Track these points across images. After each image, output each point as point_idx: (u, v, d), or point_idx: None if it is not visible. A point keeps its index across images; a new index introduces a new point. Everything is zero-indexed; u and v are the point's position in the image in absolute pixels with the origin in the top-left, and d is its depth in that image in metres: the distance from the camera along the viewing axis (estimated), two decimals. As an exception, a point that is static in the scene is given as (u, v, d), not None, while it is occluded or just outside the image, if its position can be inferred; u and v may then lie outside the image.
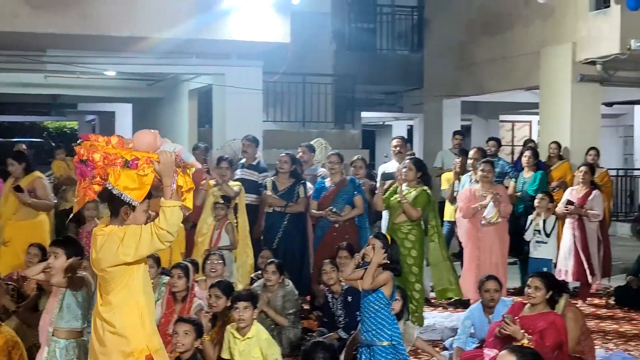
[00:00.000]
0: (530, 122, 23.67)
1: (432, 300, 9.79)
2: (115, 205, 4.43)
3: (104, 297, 4.50)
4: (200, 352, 6.25)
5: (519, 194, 11.10)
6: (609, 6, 12.66)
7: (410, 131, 21.85)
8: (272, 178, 9.58)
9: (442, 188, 11.55)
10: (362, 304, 6.13)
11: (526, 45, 14.71)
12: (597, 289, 10.75)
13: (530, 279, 6.48)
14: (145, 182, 4.40)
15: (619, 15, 12.35)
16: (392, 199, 8.68)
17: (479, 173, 9.33)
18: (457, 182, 10.62)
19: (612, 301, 10.23)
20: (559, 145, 12.53)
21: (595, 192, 10.09)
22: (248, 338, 6.35)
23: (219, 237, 9.09)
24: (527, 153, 11.29)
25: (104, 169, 4.40)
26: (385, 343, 6.05)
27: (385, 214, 9.35)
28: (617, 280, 11.20)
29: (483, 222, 8.98)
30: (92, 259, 4.47)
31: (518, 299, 7.66)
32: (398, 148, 10.49)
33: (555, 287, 6.63)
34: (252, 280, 8.58)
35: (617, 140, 23.76)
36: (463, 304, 9.61)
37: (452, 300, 9.96)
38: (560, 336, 6.18)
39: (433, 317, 9.09)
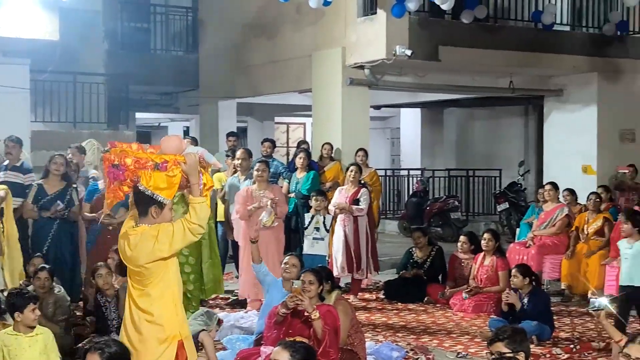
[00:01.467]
0: (304, 124, 24.28)
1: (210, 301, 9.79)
2: (145, 206, 4.79)
3: (142, 290, 4.82)
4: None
5: (292, 194, 11.37)
6: (375, 13, 13.23)
7: (186, 132, 21.72)
8: (41, 181, 9.18)
9: (214, 188, 11.52)
10: None
11: (298, 48, 15.06)
12: (368, 284, 11.23)
13: (303, 274, 6.72)
14: (174, 182, 4.82)
15: (385, 21, 12.93)
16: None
17: (254, 173, 9.47)
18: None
19: (381, 295, 10.72)
20: (331, 146, 12.95)
21: (363, 189, 10.57)
22: (35, 334, 6.07)
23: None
24: (301, 154, 11.60)
25: (135, 172, 4.79)
26: None
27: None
28: (387, 275, 11.76)
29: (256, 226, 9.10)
30: (127, 257, 4.79)
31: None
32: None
33: (327, 281, 6.93)
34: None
35: (385, 141, 24.94)
36: (240, 303, 9.71)
37: (231, 300, 10.03)
38: (336, 322, 6.46)
39: (210, 317, 9.08)
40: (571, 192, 11.86)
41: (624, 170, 14.18)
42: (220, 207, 10.72)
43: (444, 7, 12.51)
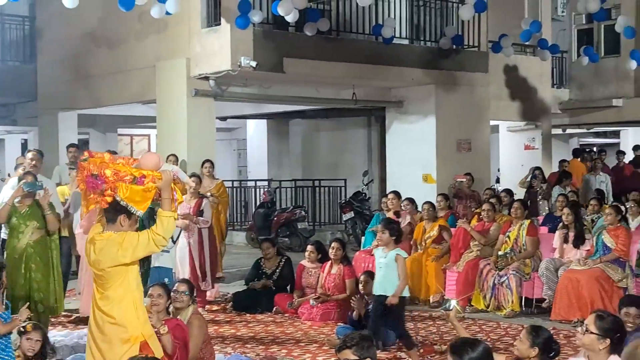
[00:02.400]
0: (149, 135, 23.90)
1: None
2: (115, 214, 5.23)
3: (102, 292, 5.28)
4: None
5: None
6: (219, 24, 13.20)
7: (25, 145, 20.92)
8: None
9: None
10: None
11: (142, 59, 14.81)
12: (216, 296, 11.17)
13: (151, 288, 6.69)
14: (148, 197, 5.26)
15: (229, 32, 12.93)
16: (17, 215, 8.36)
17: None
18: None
19: (229, 307, 10.67)
20: (176, 158, 12.81)
21: (205, 200, 10.55)
22: None
23: None
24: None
25: (113, 184, 5.14)
26: None
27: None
28: (235, 287, 11.73)
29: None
30: (91, 261, 5.25)
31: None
32: (34, 162, 10.02)
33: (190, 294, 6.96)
34: None
35: (232, 153, 24.91)
36: (84, 321, 9.43)
37: (74, 317, 9.73)
38: (186, 336, 6.48)
39: (53, 336, 8.76)
40: (411, 201, 12.22)
41: (461, 179, 14.75)
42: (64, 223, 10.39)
43: (288, 19, 12.66)
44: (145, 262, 9.84)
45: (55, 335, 8.81)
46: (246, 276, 11.23)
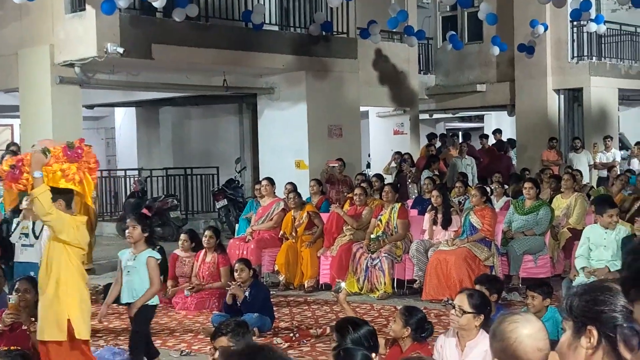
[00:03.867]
0: (12, 125, 23.04)
1: None
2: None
3: None
4: None
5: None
6: (84, 9, 12.85)
7: None
8: None
9: None
10: None
11: (3, 46, 14.26)
12: (87, 289, 10.88)
13: (19, 282, 6.59)
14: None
15: (95, 18, 12.60)
16: None
17: None
18: None
19: (101, 298, 10.42)
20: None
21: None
22: None
23: None
24: (7, 156, 10.97)
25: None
26: None
27: None
28: (106, 279, 11.49)
29: None
30: None
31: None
32: None
33: None
34: None
35: (100, 141, 24.29)
36: None
37: None
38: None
39: None
40: (294, 186, 12.23)
41: (333, 164, 14.92)
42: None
43: (155, 4, 12.45)
44: (8, 258, 9.51)
45: None
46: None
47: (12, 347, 5.07)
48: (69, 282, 5.95)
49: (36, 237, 9.43)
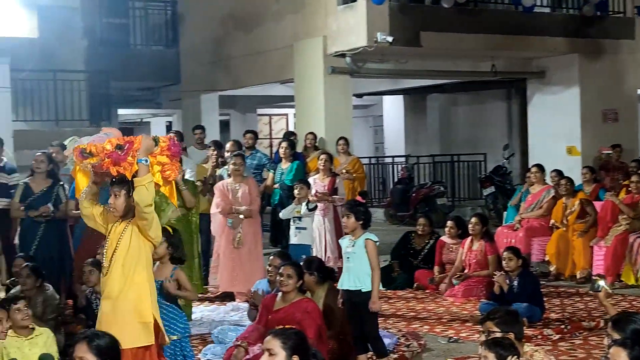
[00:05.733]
0: (287, 114, 24.22)
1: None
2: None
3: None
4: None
5: (276, 185, 11.33)
6: (355, 0, 13.19)
7: (169, 127, 21.63)
8: (27, 180, 9.10)
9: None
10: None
11: (279, 39, 15.00)
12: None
13: (282, 268, 6.54)
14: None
15: (365, 9, 12.90)
16: (160, 193, 8.56)
17: (230, 166, 9.46)
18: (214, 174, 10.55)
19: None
20: (314, 136, 12.91)
21: (337, 178, 10.58)
22: (35, 336, 6.08)
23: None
24: (284, 144, 11.53)
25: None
26: (174, 337, 6.07)
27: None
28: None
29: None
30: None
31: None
32: None
33: (319, 273, 6.90)
34: (8, 288, 8.12)
35: (368, 130, 24.92)
36: (230, 296, 9.68)
37: (219, 293, 10.00)
38: (317, 322, 6.32)
39: (200, 311, 9.07)
40: (559, 173, 11.87)
41: (607, 151, 14.22)
42: (204, 200, 10.64)
43: (424, -8, 12.50)
44: (283, 239, 10.01)
45: (203, 310, 9.11)
46: (392, 249, 11.14)
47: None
48: (150, 281, 5.46)
49: (309, 210, 9.78)
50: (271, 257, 7.42)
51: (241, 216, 9.43)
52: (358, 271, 6.51)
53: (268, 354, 4.25)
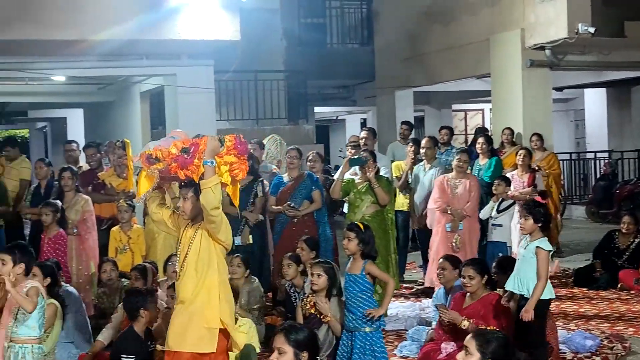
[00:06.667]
0: (482, 110, 23.87)
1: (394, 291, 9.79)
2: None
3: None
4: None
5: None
6: (555, -9, 12.79)
7: (363, 124, 21.89)
8: (229, 177, 9.50)
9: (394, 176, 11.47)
10: (348, 291, 6.26)
11: (475, 33, 14.79)
12: (556, 272, 10.87)
13: (463, 269, 6.57)
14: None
15: (565, 0, 12.48)
16: (355, 190, 8.70)
17: (455, 162, 9.39)
18: (409, 171, 10.56)
19: (570, 282, 10.36)
20: (512, 132, 12.64)
21: (537, 174, 10.30)
22: (238, 326, 6.28)
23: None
24: (481, 140, 11.34)
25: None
26: (367, 329, 6.16)
27: (345, 210, 9.41)
28: (575, 262, 11.36)
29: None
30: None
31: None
32: (364, 140, 10.58)
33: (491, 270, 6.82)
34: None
35: (569, 124, 24.07)
36: (425, 293, 9.66)
37: (415, 290, 10.01)
38: (498, 311, 6.33)
39: (396, 307, 9.10)
40: None
41: None
42: (401, 197, 10.68)
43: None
44: (483, 237, 9.83)
45: (398, 306, 9.14)
46: (594, 248, 10.71)
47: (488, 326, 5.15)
48: (221, 285, 5.34)
49: (498, 212, 9.59)
50: (440, 261, 7.43)
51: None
52: (524, 275, 6.25)
53: (277, 352, 4.35)
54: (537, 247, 6.17)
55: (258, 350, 6.43)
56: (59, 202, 8.43)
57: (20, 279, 5.59)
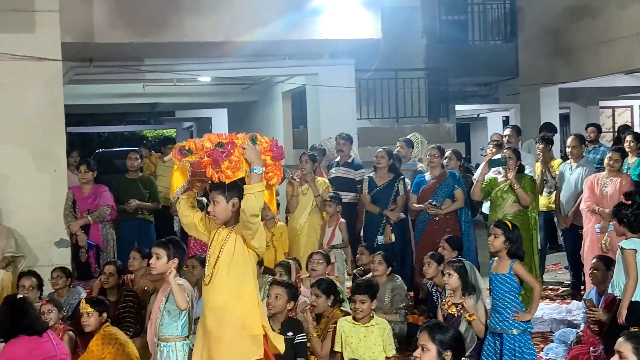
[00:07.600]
0: (631, 107, 23.00)
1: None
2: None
3: None
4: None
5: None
6: None
7: (506, 122, 21.49)
8: (371, 174, 9.56)
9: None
10: (495, 292, 6.20)
11: (624, 27, 14.25)
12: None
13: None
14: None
15: None
16: (497, 189, 8.58)
17: (605, 161, 9.09)
18: (545, 171, 10.26)
19: None
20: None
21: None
22: (371, 325, 6.37)
23: (332, 235, 9.10)
24: (629, 137, 10.88)
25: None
26: (515, 332, 6.08)
27: (486, 208, 9.26)
28: None
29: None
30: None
31: None
32: (507, 138, 10.44)
33: None
34: (355, 277, 8.56)
35: None
36: (572, 295, 9.42)
37: (561, 291, 9.76)
38: None
39: (541, 308, 8.87)
40: None
41: None
42: (543, 197, 10.39)
43: None
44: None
45: (544, 308, 8.93)
46: None
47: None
48: (256, 292, 5.07)
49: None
50: (592, 261, 7.26)
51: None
52: (616, 277, 6.28)
53: (421, 349, 4.43)
54: (622, 247, 6.14)
55: (393, 352, 6.43)
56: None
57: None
